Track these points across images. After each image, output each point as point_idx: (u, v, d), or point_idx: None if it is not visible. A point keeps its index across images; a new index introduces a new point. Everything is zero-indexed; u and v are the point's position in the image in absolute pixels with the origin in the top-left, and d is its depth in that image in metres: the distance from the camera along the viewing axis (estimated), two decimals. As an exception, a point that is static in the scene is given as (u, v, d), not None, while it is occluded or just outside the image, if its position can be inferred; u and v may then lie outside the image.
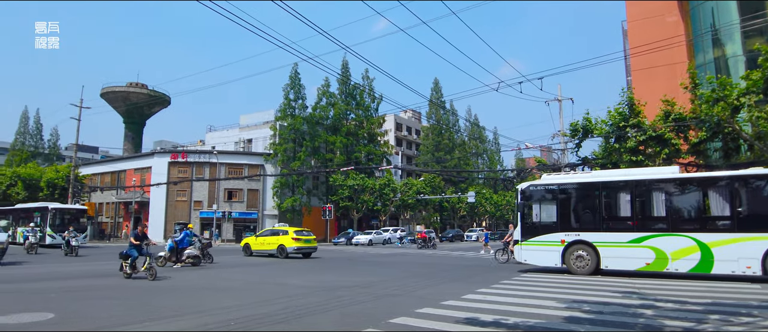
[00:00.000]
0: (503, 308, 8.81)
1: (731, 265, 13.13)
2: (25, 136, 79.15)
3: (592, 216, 15.56)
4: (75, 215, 34.48)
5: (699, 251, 13.56)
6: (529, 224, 16.25)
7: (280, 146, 50.49)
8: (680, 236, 13.88)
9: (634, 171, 16.80)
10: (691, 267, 13.62)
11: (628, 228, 14.78)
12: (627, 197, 15.04)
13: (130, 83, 78.87)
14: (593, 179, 16.41)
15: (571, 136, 26.39)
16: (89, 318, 7.85)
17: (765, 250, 12.70)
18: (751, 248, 12.89)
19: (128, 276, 13.44)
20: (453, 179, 70.71)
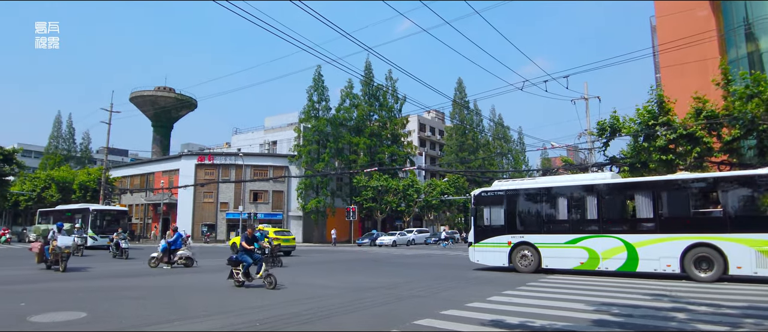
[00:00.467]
0: (530, 310, 8.69)
1: (654, 264, 14.21)
2: (59, 140, 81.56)
3: (534, 220, 16.89)
4: (115, 216, 34.22)
5: (626, 251, 14.68)
6: (480, 228, 17.62)
7: (304, 148, 50.87)
8: (610, 237, 15.02)
9: (570, 177, 18.47)
10: (619, 266, 14.73)
11: (565, 230, 15.95)
12: (564, 202, 16.29)
13: (158, 87, 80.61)
14: (535, 185, 17.59)
15: (598, 135, 25.90)
16: (118, 316, 8.03)
17: (683, 250, 13.74)
18: (671, 248, 13.96)
19: (240, 285, 11.69)
20: (477, 180, 70.11)
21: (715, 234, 13.55)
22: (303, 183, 49.86)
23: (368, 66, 56.56)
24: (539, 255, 16.10)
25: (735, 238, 13.15)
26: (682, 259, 13.78)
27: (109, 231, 30.43)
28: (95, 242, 30.95)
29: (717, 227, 13.67)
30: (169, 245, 17.89)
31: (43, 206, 56.46)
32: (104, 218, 33.20)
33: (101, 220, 32.82)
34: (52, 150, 79.20)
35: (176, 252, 17.91)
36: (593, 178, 17.49)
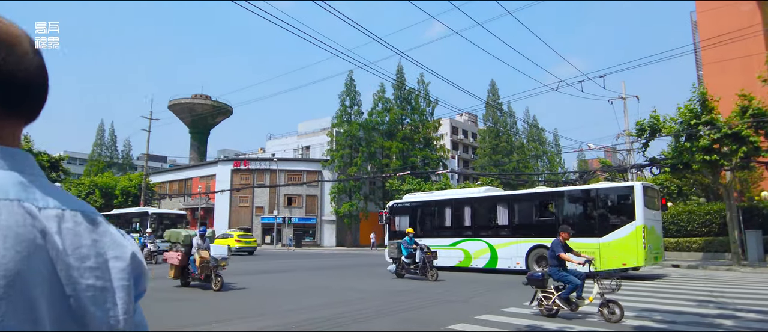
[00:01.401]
0: (568, 316, 8.48)
1: (509, 262, 17.28)
2: (102, 147, 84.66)
3: (429, 226, 20.39)
4: (174, 220, 32.81)
5: (489, 251, 17.96)
6: (392, 232, 20.80)
7: (337, 153, 51.23)
8: (478, 240, 18.40)
9: (452, 192, 22.72)
10: (485, 264, 17.93)
11: (449, 235, 19.34)
12: (448, 211, 19.97)
13: (195, 95, 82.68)
14: (430, 198, 21.63)
15: (637, 135, 25.11)
16: (156, 317, 8.23)
17: (527, 250, 16.82)
18: (520, 249, 17.07)
19: (552, 313, 8.29)
20: (512, 183, 69.07)
21: (550, 238, 14.03)
22: (336, 187, 50.19)
23: (400, 70, 56.59)
24: None
25: None
26: (527, 258, 16.77)
27: None
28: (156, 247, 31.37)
29: (552, 233, 14.62)
30: None
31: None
32: (162, 221, 31.87)
33: (160, 224, 31.54)
34: (96, 157, 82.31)
35: None
36: (469, 192, 21.03)
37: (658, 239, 16.14)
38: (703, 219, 26.05)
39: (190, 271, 12.47)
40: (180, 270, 12.63)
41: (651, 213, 15.41)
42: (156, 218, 31.36)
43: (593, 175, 47.17)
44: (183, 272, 12.64)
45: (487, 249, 17.96)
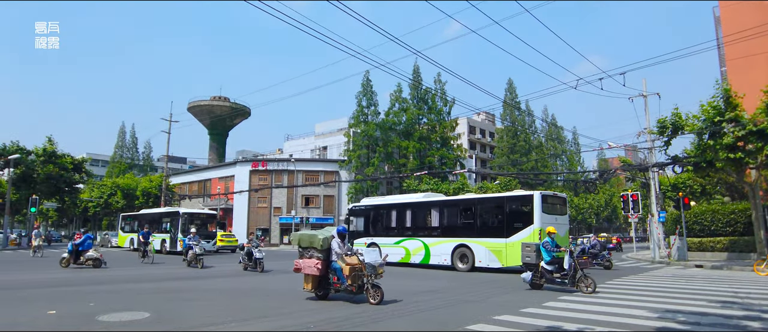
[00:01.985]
0: (589, 316, 8.37)
1: (438, 258, 19.99)
2: (123, 149, 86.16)
3: (380, 227, 22.97)
4: (205, 220, 32.30)
5: (424, 249, 20.64)
6: (351, 232, 22.90)
7: (353, 153, 51.34)
8: (416, 239, 21.11)
9: (398, 197, 25.30)
10: (420, 260, 20.64)
11: (394, 234, 22.11)
12: (394, 214, 22.60)
13: (214, 96, 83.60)
14: (380, 202, 24.56)
15: (658, 133, 24.65)
16: (180, 317, 8.32)
17: (452, 248, 19.44)
18: (447, 247, 19.70)
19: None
20: (530, 182, 68.47)
21: (469, 238, 19.12)
22: (353, 187, 50.31)
23: (416, 70, 56.48)
24: (380, 252, 20.27)
25: (479, 241, 18.78)
26: (452, 255, 19.38)
27: (200, 236, 29.16)
28: None
29: (471, 234, 19.26)
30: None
31: (110, 212, 59.66)
32: (193, 221, 31.01)
33: (191, 224, 30.51)
34: (117, 159, 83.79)
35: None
36: (410, 197, 24.08)
37: (559, 239, 16.87)
38: (727, 219, 25.50)
39: (332, 281, 10.32)
40: (318, 280, 10.46)
41: (549, 218, 17.65)
42: (187, 218, 30.81)
43: (613, 174, 46.50)
44: (321, 282, 10.51)
45: (423, 247, 20.72)
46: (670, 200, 33.70)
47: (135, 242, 33.82)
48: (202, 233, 29.22)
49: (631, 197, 27.24)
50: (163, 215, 33.55)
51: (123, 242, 37.16)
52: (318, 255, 10.49)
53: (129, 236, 36.07)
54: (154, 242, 31.62)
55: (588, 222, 73.08)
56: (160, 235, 31.82)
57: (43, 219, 70.27)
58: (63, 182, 43.53)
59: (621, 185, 72.10)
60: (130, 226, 36.80)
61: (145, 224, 34.08)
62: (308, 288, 10.52)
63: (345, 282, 9.98)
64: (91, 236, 19.76)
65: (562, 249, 12.19)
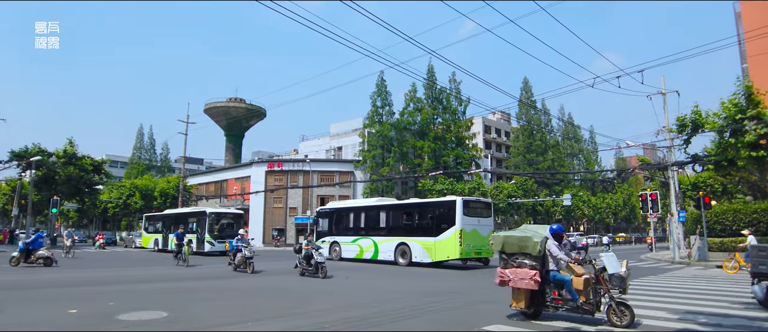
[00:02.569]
0: (606, 317, 8.24)
1: (385, 255, 22.49)
2: (141, 151, 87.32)
3: (340, 227, 25.58)
4: (232, 220, 31.18)
5: (374, 247, 23.15)
6: (318, 232, 26.78)
7: (368, 153, 51.37)
8: (368, 238, 23.66)
9: (356, 201, 29.85)
10: (371, 256, 23.13)
11: (350, 234, 24.73)
12: (351, 216, 25.36)
13: (230, 98, 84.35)
14: (340, 205, 28.67)
15: (678, 132, 24.28)
16: (196, 317, 8.40)
17: (395, 246, 22.14)
18: (391, 245, 22.30)
19: None
20: (547, 182, 67.94)
21: (408, 237, 21.77)
22: (368, 188, 50.35)
23: (431, 69, 56.36)
24: (341, 249, 24.72)
25: (415, 239, 21.40)
26: (395, 252, 22.02)
27: (226, 236, 28.50)
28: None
29: (409, 233, 21.97)
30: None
31: (129, 213, 60.45)
32: (220, 221, 30.28)
33: (218, 224, 29.99)
34: (136, 160, 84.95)
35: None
36: (364, 201, 28.11)
37: (481, 238, 19.89)
38: (749, 218, 25.01)
39: (552, 297, 7.95)
40: (532, 295, 8.06)
41: (470, 220, 19.94)
42: (214, 218, 29.91)
43: (631, 173, 45.85)
44: (534, 297, 8.11)
45: (373, 245, 23.25)
46: (690, 199, 33.16)
47: (159, 243, 33.74)
48: (228, 233, 28.68)
49: (650, 196, 26.83)
50: (189, 215, 32.77)
51: (147, 242, 36.72)
52: (531, 262, 8.05)
53: (153, 236, 35.59)
54: None
55: (606, 222, 72.18)
56: (186, 235, 31.28)
57: (63, 220, 71.48)
58: (83, 184, 44.25)
59: (639, 185, 71.11)
60: (154, 226, 36.29)
61: (170, 225, 33.71)
62: (519, 305, 8.12)
63: (577, 298, 7.61)
64: (42, 235, 20.24)
65: None
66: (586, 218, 69.35)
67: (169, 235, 31.75)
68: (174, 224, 32.39)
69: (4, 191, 51.56)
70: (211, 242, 28.77)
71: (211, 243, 28.74)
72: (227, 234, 28.57)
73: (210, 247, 28.65)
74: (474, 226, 19.23)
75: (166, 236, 32.64)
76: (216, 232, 29.31)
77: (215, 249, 28.47)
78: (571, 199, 55.45)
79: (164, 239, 33.06)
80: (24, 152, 39.84)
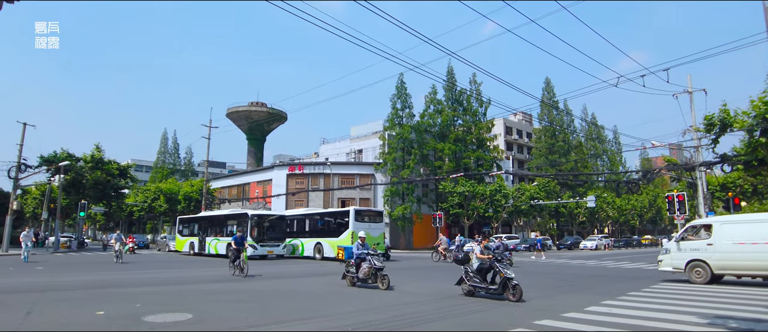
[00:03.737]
0: (634, 322, 8.09)
1: (309, 252, 29.19)
2: (165, 155, 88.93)
3: (279, 231, 30.33)
4: (273, 222, 30.44)
5: (301, 246, 30.27)
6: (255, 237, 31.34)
7: (389, 156, 51.36)
8: (297, 239, 30.82)
9: (292, 210, 36.11)
10: (299, 253, 30.11)
11: (287, 236, 30.67)
12: (287, 222, 31.39)
13: (252, 102, 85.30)
14: (287, 213, 33.92)
15: (705, 131, 23.59)
16: (220, 318, 8.48)
17: (313, 244, 28.87)
18: (312, 244, 29.17)
19: None
20: (570, 183, 67.03)
21: (323, 238, 28.52)
22: (389, 190, 50.33)
23: (451, 71, 56.13)
24: None
25: (326, 240, 28.32)
26: (314, 249, 28.63)
27: (268, 239, 28.70)
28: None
29: (322, 235, 28.81)
30: None
31: (153, 216, 61.50)
32: (262, 224, 29.45)
33: (260, 227, 29.13)
34: (160, 164, 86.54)
35: None
36: (296, 211, 34.90)
37: (372, 238, 24.09)
38: (781, 219, 24.23)
39: None
40: None
41: (362, 225, 25.85)
42: (256, 221, 29.05)
43: (657, 174, 44.92)
44: None
45: (302, 245, 30.37)
46: (719, 200, 32.36)
47: (195, 247, 33.05)
48: (270, 236, 28.82)
49: (676, 197, 26.23)
50: (228, 218, 31.65)
51: (181, 246, 35.73)
52: None
53: (188, 239, 34.65)
54: (217, 245, 30.78)
55: (631, 224, 70.84)
56: (224, 239, 30.18)
57: (91, 223, 73.11)
58: (110, 188, 45.24)
59: (666, 186, 69.63)
60: (190, 229, 35.36)
61: (206, 227, 33.10)
62: None
63: None
64: None
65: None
66: (611, 220, 68.15)
67: (208, 238, 31.78)
68: (211, 226, 32.13)
69: (35, 195, 52.99)
70: (253, 246, 26.95)
71: (254, 247, 27.04)
72: (269, 237, 29.01)
73: (252, 251, 27.12)
74: (365, 229, 21.68)
75: (203, 239, 32.53)
76: (258, 235, 28.63)
77: (257, 252, 27.34)
78: (595, 201, 54.54)
79: (201, 242, 32.65)
80: (53, 157, 40.91)
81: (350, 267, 13.78)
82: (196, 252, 32.91)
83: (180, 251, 35.88)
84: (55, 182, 39.37)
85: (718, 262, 14.33)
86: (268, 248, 28.78)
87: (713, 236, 14.76)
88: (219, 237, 31.08)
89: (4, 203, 40.01)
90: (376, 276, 12.93)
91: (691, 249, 15.12)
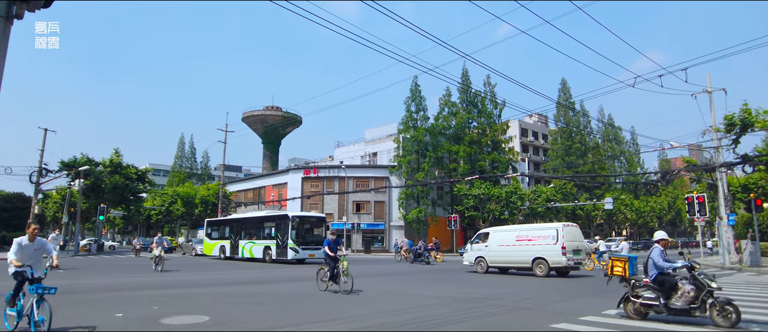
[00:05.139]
0: (654, 326, 7.95)
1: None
2: (182, 159, 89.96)
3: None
4: (314, 224, 29.05)
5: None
6: None
7: (403, 158, 51.33)
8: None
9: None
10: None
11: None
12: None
13: (267, 106, 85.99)
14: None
15: (725, 131, 23.34)
16: (237, 321, 8.53)
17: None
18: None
19: None
20: (587, 185, 66.33)
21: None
22: (404, 193, 50.29)
23: (465, 73, 55.99)
24: None
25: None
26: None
27: (310, 242, 27.20)
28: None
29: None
30: None
31: (171, 219, 62.17)
32: (303, 226, 27.86)
33: (302, 229, 27.59)
34: (177, 169, 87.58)
35: None
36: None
37: None
38: (806, 221, 23.73)
39: None
40: None
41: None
42: (298, 223, 27.46)
43: (676, 175, 44.21)
44: None
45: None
46: (741, 201, 31.72)
47: (227, 250, 32.10)
48: (309, 238, 27.42)
49: (696, 199, 25.81)
50: (266, 220, 30.45)
51: (210, 250, 34.56)
52: None
53: (218, 243, 33.34)
54: (252, 249, 29.72)
55: (650, 226, 69.85)
56: (260, 242, 29.41)
57: (110, 226, 74.16)
58: (128, 192, 45.88)
59: (685, 187, 68.50)
60: (220, 232, 34.23)
61: (239, 230, 31.70)
62: None
63: None
64: None
65: None
66: (629, 222, 67.23)
67: (241, 241, 30.83)
68: (245, 229, 31.17)
69: (55, 199, 53.95)
70: (295, 249, 26.44)
71: (296, 250, 26.43)
72: (309, 240, 27.32)
73: (294, 254, 26.35)
74: None
75: (236, 242, 31.57)
76: (298, 237, 27.10)
77: (299, 256, 26.45)
78: (612, 203, 53.86)
79: (234, 245, 31.69)
80: (73, 162, 41.63)
81: None
82: (227, 256, 32.00)
83: (209, 255, 34.92)
84: (75, 187, 40.04)
85: (490, 258, 20.44)
86: (309, 251, 26.87)
87: (489, 240, 20.73)
88: (254, 240, 29.97)
89: (26, 207, 40.80)
90: None
91: (478, 249, 21.16)
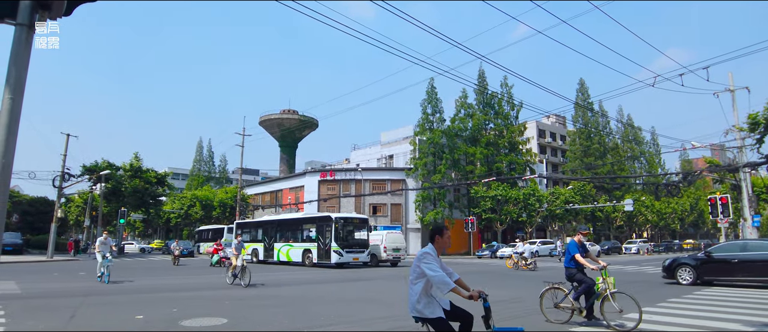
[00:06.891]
0: (677, 329, 7.81)
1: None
2: (201, 163, 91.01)
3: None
4: (358, 225, 28.07)
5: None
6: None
7: (420, 161, 51.23)
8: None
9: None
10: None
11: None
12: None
13: (284, 110, 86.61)
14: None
15: (749, 130, 22.82)
16: (255, 323, 8.59)
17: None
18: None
19: None
20: (606, 186, 65.44)
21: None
22: (420, 196, 50.18)
23: (482, 74, 55.71)
24: None
25: None
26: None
27: (352, 245, 26.58)
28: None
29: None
30: None
31: (190, 223, 62.90)
32: (346, 228, 27.01)
33: (344, 231, 26.75)
34: (196, 172, 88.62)
35: None
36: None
37: None
38: (834, 222, 23.07)
39: None
40: None
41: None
42: (342, 224, 26.72)
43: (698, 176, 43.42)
44: None
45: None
46: (765, 202, 31.02)
47: (260, 254, 31.33)
48: (352, 241, 26.75)
49: (719, 200, 25.27)
50: (305, 221, 29.39)
51: None
52: None
53: (249, 246, 31.97)
54: (290, 252, 28.70)
55: (671, 228, 68.61)
56: (299, 245, 28.46)
57: (130, 230, 75.34)
58: (148, 195, 46.57)
59: (707, 188, 67.19)
60: (251, 235, 33.25)
61: (274, 233, 30.69)
62: None
63: None
64: None
65: None
66: (650, 224, 66.11)
67: (277, 244, 29.82)
68: (281, 231, 30.28)
69: (77, 203, 54.97)
70: (339, 252, 25.56)
71: (340, 253, 25.57)
72: (352, 242, 26.58)
73: (338, 258, 25.47)
74: None
75: (270, 245, 30.60)
76: (343, 240, 26.30)
77: (343, 259, 25.61)
78: (632, 204, 53.05)
79: (268, 249, 30.71)
80: (94, 166, 42.40)
81: None
82: (260, 260, 31.10)
83: None
84: (96, 191, 40.74)
85: None
86: (353, 254, 26.15)
87: None
88: (291, 243, 29.01)
89: (49, 210, 41.61)
90: None
91: None
